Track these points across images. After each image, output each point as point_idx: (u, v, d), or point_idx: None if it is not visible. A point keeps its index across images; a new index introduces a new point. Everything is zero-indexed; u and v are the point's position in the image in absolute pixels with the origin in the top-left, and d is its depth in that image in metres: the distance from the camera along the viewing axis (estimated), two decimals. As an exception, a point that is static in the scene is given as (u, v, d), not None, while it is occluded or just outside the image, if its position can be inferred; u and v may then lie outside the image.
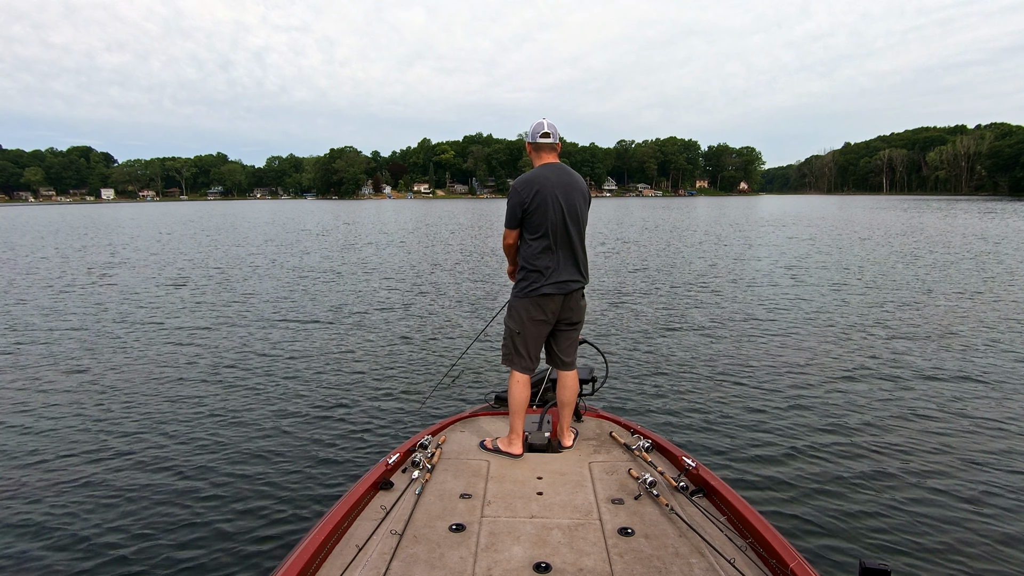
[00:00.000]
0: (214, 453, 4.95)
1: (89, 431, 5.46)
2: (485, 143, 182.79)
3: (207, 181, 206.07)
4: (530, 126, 3.44)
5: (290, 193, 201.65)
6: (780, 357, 7.67)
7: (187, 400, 6.27)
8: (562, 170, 3.35)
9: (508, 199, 3.35)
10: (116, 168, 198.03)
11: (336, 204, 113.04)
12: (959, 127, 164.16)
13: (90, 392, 6.55)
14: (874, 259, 18.28)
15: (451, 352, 8.07)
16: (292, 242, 27.13)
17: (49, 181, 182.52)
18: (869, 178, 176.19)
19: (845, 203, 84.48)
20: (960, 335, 8.69)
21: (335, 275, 16.02)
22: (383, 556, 2.34)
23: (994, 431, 5.26)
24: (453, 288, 13.72)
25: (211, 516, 3.99)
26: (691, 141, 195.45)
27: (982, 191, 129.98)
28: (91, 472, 4.65)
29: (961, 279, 14.00)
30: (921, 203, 74.27)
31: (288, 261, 19.56)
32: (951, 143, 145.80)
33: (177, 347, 8.48)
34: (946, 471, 4.51)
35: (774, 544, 2.28)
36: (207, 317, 10.58)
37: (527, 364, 3.42)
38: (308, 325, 9.86)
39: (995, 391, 6.32)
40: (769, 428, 5.35)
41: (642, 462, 3.16)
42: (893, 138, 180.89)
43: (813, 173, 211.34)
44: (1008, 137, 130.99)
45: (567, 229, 3.31)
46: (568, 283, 3.33)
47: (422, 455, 3.18)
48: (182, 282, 14.94)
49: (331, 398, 6.29)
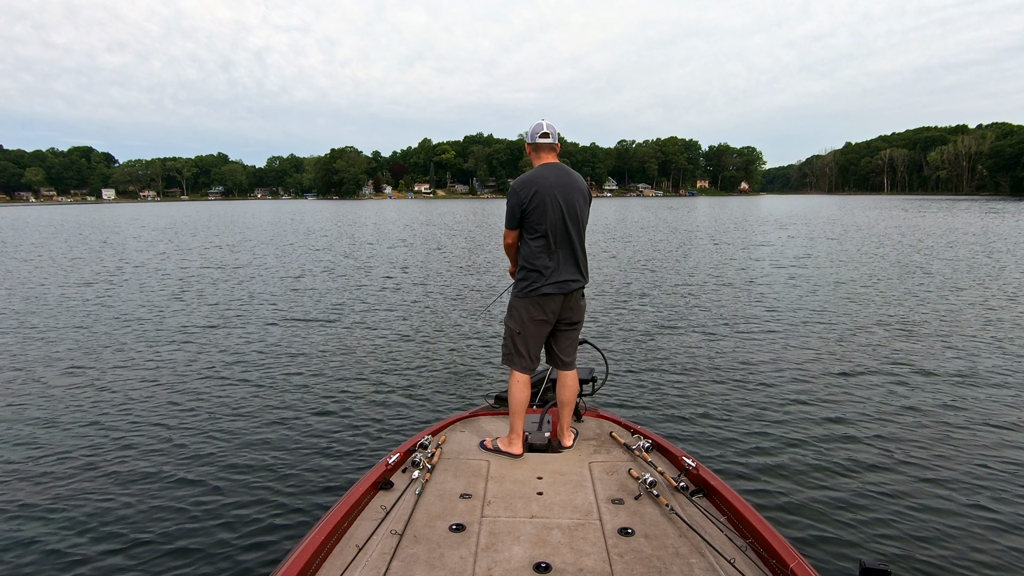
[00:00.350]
0: (214, 453, 4.94)
1: (89, 431, 5.45)
2: (486, 143, 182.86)
3: (208, 181, 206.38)
4: (529, 127, 3.47)
5: (291, 193, 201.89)
6: (781, 357, 7.66)
7: (187, 400, 6.26)
8: (561, 170, 3.35)
9: (507, 199, 3.36)
10: (117, 168, 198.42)
11: (337, 204, 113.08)
12: (960, 127, 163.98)
13: (89, 392, 6.55)
14: (874, 260, 18.27)
15: (451, 352, 8.07)
16: (294, 241, 27.17)
17: (50, 181, 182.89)
18: (870, 178, 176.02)
19: (846, 203, 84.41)
20: (963, 334, 8.68)
21: (335, 275, 16.02)
22: (383, 556, 2.34)
23: (996, 431, 5.25)
24: (454, 288, 13.72)
25: (211, 516, 3.98)
26: (692, 141, 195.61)
27: (983, 191, 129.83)
28: (90, 472, 4.64)
29: (964, 278, 13.99)
30: (923, 203, 74.16)
31: (290, 260, 19.57)
32: (952, 143, 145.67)
33: (175, 347, 8.48)
34: (947, 471, 4.51)
35: (774, 544, 2.27)
36: (205, 317, 10.57)
37: (527, 364, 3.42)
38: (308, 325, 9.86)
39: (998, 391, 6.30)
40: (769, 428, 5.35)
41: (642, 462, 3.16)
42: (894, 138, 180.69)
43: (814, 173, 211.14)
44: (1009, 137, 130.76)
45: (567, 229, 3.31)
46: (568, 283, 3.33)
47: (422, 455, 3.18)
48: (179, 281, 14.95)
49: (331, 398, 6.28)
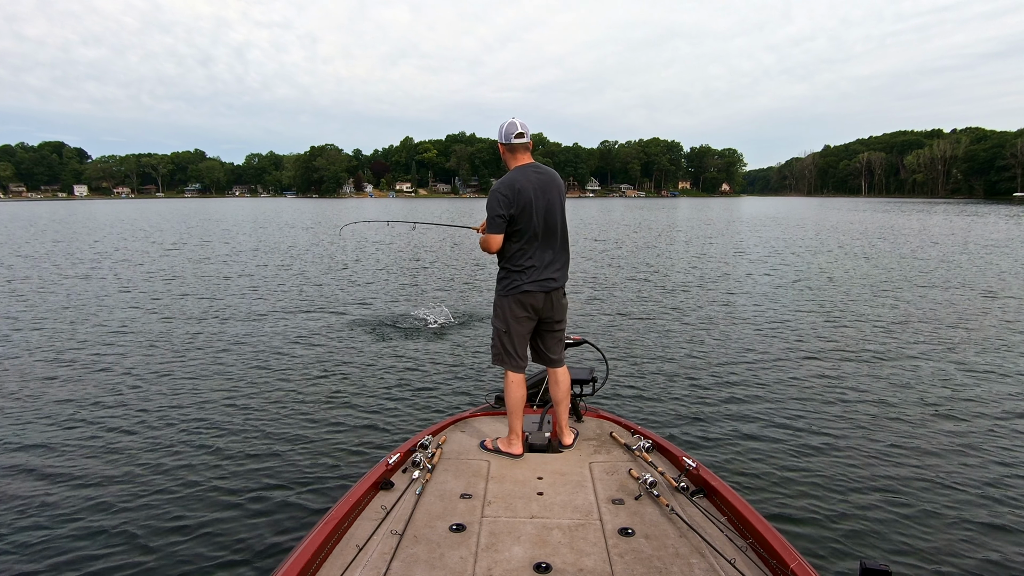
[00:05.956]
0: (214, 454, 4.89)
1: (88, 430, 5.36)
2: (468, 142, 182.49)
3: (185, 178, 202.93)
4: (501, 127, 3.36)
5: (270, 191, 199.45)
6: (781, 357, 7.73)
7: (186, 400, 6.18)
8: (540, 170, 3.35)
9: (489, 204, 3.26)
10: (90, 164, 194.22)
11: (317, 203, 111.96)
12: (936, 131, 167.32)
13: (88, 391, 6.42)
14: (874, 260, 18.55)
15: (452, 352, 8.03)
16: (282, 239, 26.84)
17: (20, 177, 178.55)
18: (848, 180, 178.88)
19: (825, 205, 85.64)
20: (966, 334, 8.84)
21: (334, 275, 15.87)
22: (383, 556, 2.35)
23: (997, 430, 5.32)
24: (454, 287, 13.69)
25: (211, 516, 3.94)
26: (674, 142, 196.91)
27: (958, 194, 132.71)
28: (90, 472, 4.56)
29: (960, 278, 14.26)
30: (901, 206, 75.42)
31: (279, 260, 19.34)
32: (928, 147, 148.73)
33: (173, 346, 8.33)
34: (949, 471, 4.56)
35: (774, 544, 2.27)
36: (204, 317, 10.42)
37: (517, 362, 3.42)
38: (308, 324, 9.75)
39: (999, 390, 6.40)
40: (770, 428, 5.38)
41: (642, 462, 3.17)
42: (872, 141, 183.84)
43: (794, 175, 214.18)
44: (983, 142, 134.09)
45: (549, 230, 3.32)
46: (549, 281, 3.35)
47: (422, 455, 3.16)
48: (175, 280, 14.71)
49: (332, 398, 6.23)
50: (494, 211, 3.24)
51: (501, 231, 3.29)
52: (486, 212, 3.30)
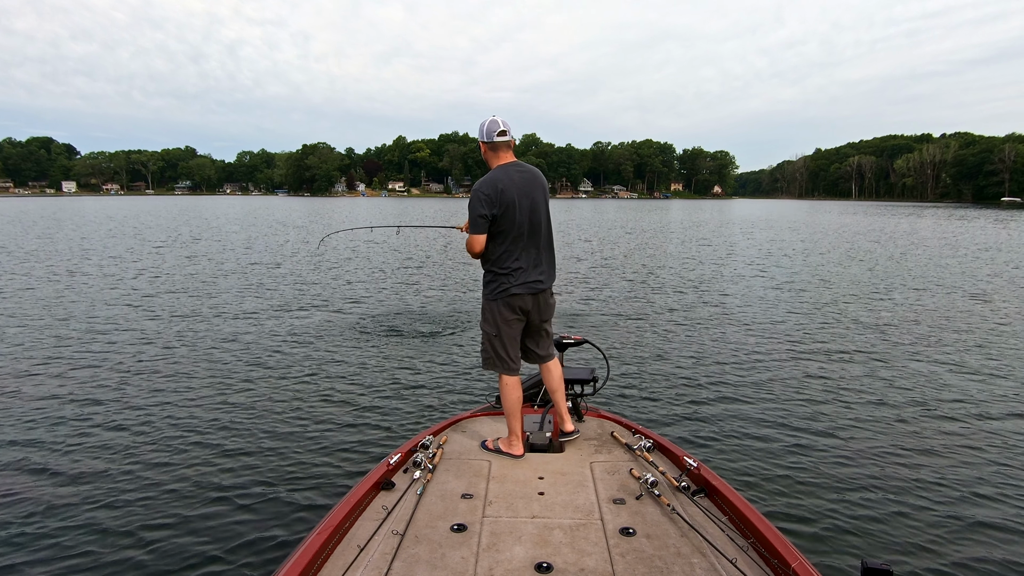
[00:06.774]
0: (214, 454, 4.85)
1: (87, 429, 5.31)
2: (461, 142, 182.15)
3: (175, 175, 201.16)
4: (482, 125, 3.29)
5: (261, 189, 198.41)
6: (783, 357, 7.76)
7: (186, 399, 6.13)
8: (523, 169, 3.31)
9: (471, 204, 3.22)
10: (79, 160, 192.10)
11: (308, 201, 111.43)
12: (925, 136, 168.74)
13: (87, 390, 6.36)
14: (874, 260, 18.66)
15: (452, 352, 8.00)
16: (281, 241, 26.67)
17: (7, 173, 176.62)
18: (839, 184, 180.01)
19: (816, 208, 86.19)
20: (967, 333, 8.92)
21: (334, 275, 15.80)
22: (385, 556, 2.34)
23: (997, 430, 5.36)
24: (454, 287, 13.67)
25: (211, 517, 3.91)
26: (667, 144, 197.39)
27: (947, 198, 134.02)
28: (89, 472, 4.52)
29: (953, 279, 14.39)
30: (891, 209, 76.01)
31: (281, 261, 19.23)
32: (918, 151, 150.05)
33: (172, 347, 8.26)
34: (950, 471, 4.58)
35: (776, 544, 2.27)
36: (204, 315, 10.35)
37: (510, 365, 3.40)
38: (308, 324, 9.70)
39: (998, 389, 6.45)
40: (771, 428, 5.40)
41: (643, 462, 3.16)
42: (862, 145, 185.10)
43: (785, 178, 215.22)
44: (972, 146, 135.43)
45: (533, 229, 3.30)
46: (537, 283, 3.33)
47: (423, 455, 3.15)
48: (177, 279, 14.61)
49: (332, 398, 6.20)
50: (476, 211, 3.20)
51: (484, 231, 3.25)
52: (468, 213, 3.26)
